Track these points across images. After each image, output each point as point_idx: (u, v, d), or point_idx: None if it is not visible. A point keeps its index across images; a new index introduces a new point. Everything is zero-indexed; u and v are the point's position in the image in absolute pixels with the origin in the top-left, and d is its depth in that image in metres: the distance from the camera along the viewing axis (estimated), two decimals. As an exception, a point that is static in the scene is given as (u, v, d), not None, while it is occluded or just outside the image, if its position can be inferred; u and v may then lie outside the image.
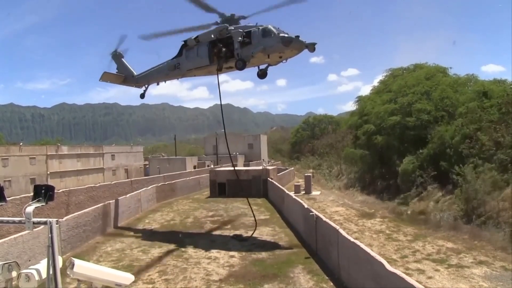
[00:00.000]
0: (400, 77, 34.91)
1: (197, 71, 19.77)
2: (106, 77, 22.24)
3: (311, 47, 15.97)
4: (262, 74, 19.12)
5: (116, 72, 22.81)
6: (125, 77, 22.71)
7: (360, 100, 41.08)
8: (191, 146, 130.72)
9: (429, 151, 25.16)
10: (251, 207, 20.51)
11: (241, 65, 17.36)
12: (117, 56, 22.80)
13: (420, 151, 25.93)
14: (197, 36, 18.81)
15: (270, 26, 16.81)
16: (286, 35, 16.29)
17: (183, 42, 19.66)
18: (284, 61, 17.49)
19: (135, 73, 22.62)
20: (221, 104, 19.61)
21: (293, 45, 16.19)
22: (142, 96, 22.94)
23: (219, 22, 18.08)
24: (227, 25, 17.80)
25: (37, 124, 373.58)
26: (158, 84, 22.32)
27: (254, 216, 20.22)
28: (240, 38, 17.19)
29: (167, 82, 21.95)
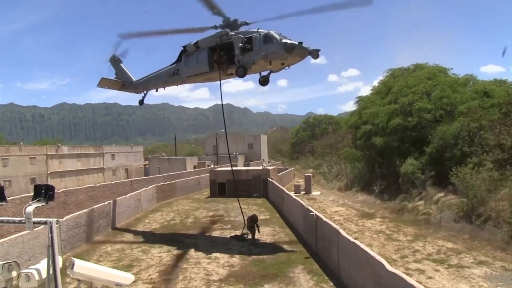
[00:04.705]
0: (401, 77, 34.86)
1: (196, 77, 19.23)
2: (104, 83, 21.81)
3: (315, 53, 15.38)
4: (263, 81, 18.61)
5: (115, 78, 22.38)
6: (123, 83, 22.24)
7: (360, 100, 41.05)
8: (191, 146, 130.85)
9: (431, 150, 25.12)
10: None
11: (242, 72, 16.85)
12: (115, 61, 22.31)
13: (423, 149, 25.84)
14: (196, 42, 18.31)
15: (272, 32, 16.30)
16: (288, 41, 15.71)
17: (182, 48, 19.12)
18: (286, 68, 16.97)
19: (134, 79, 22.14)
20: (222, 108, 19.22)
21: (296, 52, 15.65)
22: (141, 102, 22.53)
23: (217, 26, 17.51)
24: (228, 30, 17.26)
25: (37, 124, 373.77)
26: (157, 90, 21.88)
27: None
28: (241, 44, 16.62)
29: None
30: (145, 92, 22.21)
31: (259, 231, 18.16)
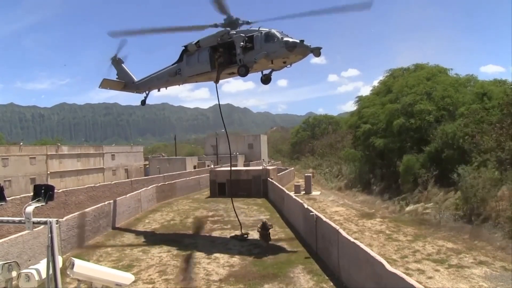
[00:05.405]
0: (401, 77, 34.81)
1: (198, 77, 19.11)
2: (106, 84, 21.71)
3: (316, 51, 15.23)
4: (265, 80, 18.54)
5: (116, 78, 22.31)
6: (125, 83, 22.19)
7: (360, 100, 41.01)
8: (191, 146, 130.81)
9: (431, 149, 25.10)
10: None
11: (243, 72, 16.74)
12: (116, 62, 22.24)
13: (424, 148, 25.82)
14: (197, 41, 18.20)
15: (273, 30, 16.18)
16: (290, 40, 15.59)
17: (183, 47, 19.03)
18: (288, 66, 16.84)
19: (136, 79, 22.09)
20: (220, 110, 19.13)
21: (297, 50, 15.50)
22: (143, 102, 22.43)
23: (218, 24, 17.34)
24: (229, 29, 17.14)
25: (37, 124, 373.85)
26: (159, 90, 21.80)
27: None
28: (242, 43, 16.48)
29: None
30: (147, 92, 22.12)
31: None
